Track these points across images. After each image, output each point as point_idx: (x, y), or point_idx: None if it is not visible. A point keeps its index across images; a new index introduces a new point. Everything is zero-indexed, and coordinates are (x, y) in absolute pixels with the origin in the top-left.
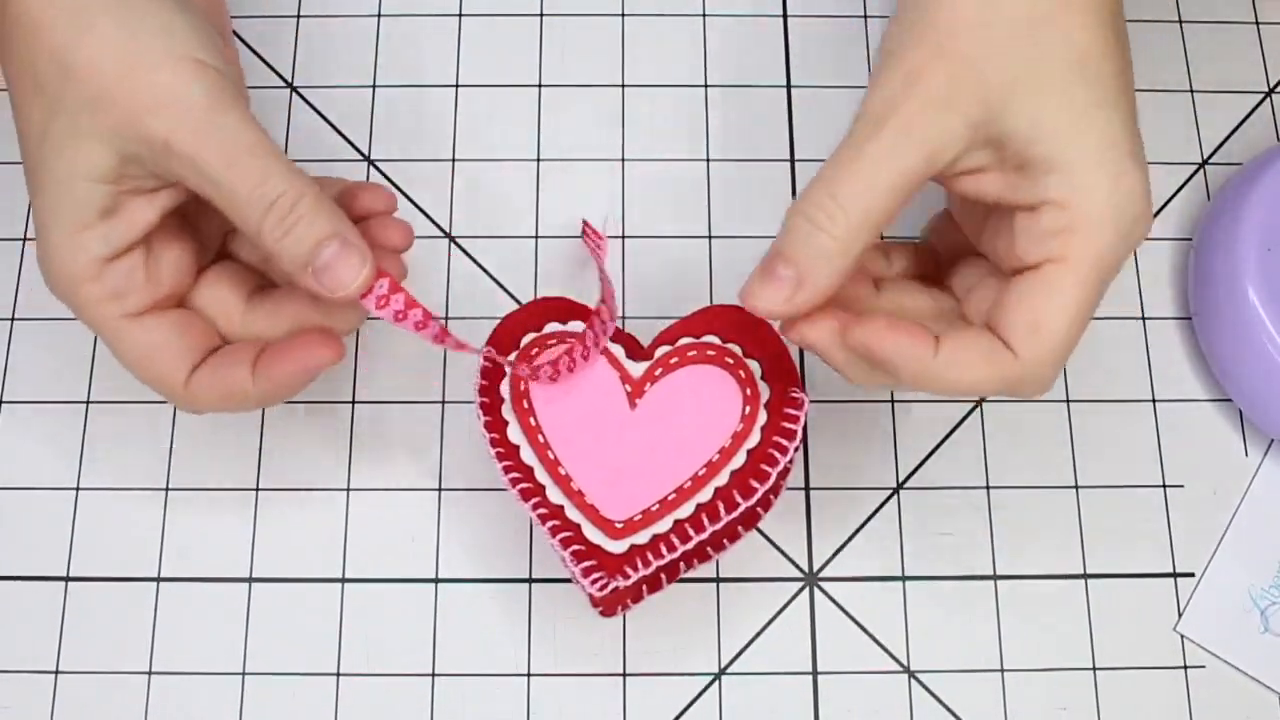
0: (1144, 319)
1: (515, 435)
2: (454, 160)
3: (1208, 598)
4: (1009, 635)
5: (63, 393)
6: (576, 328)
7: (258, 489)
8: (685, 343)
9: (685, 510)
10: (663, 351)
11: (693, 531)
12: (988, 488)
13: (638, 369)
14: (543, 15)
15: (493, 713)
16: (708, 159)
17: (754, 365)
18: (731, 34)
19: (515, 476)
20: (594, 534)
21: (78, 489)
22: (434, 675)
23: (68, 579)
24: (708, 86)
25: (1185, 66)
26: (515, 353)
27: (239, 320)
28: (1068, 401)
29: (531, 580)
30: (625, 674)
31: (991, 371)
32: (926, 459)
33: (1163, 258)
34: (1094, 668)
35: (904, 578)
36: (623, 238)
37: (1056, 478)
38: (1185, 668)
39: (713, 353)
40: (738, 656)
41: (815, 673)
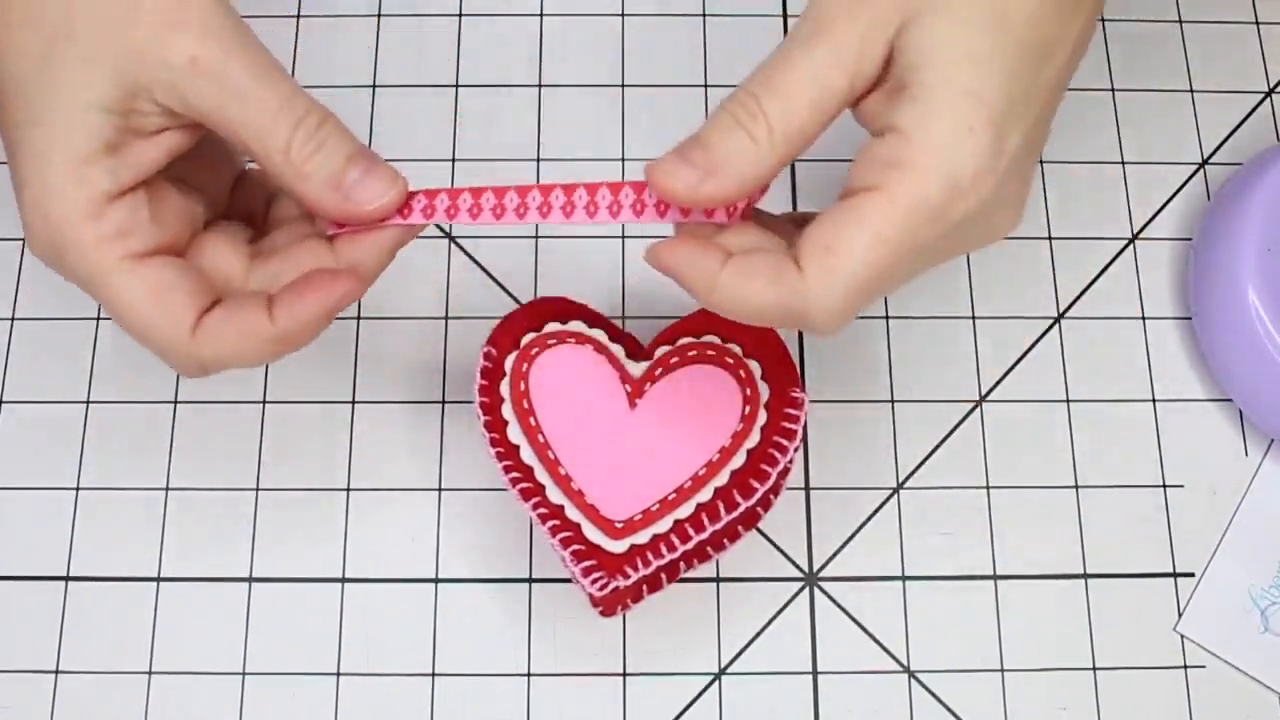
0: (1144, 319)
1: (515, 435)
2: (454, 160)
3: (1208, 598)
4: (1009, 635)
5: (63, 393)
6: (576, 328)
7: (258, 489)
8: (685, 343)
9: (685, 510)
10: (663, 351)
11: (693, 531)
12: (988, 488)
13: (638, 369)
14: (543, 15)
15: (493, 713)
16: None
17: (754, 365)
18: (731, 34)
19: (515, 476)
20: (594, 534)
21: (78, 489)
22: (434, 675)
23: (68, 579)
24: (707, 86)
25: (1185, 66)
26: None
27: (243, 279)
28: (1068, 401)
29: (531, 580)
30: (625, 674)
31: (777, 291)
32: (926, 459)
33: (1163, 258)
34: (1094, 668)
35: (904, 578)
36: (623, 238)
37: (1056, 478)
38: (1185, 668)
39: (713, 353)
40: (738, 656)
41: (815, 673)
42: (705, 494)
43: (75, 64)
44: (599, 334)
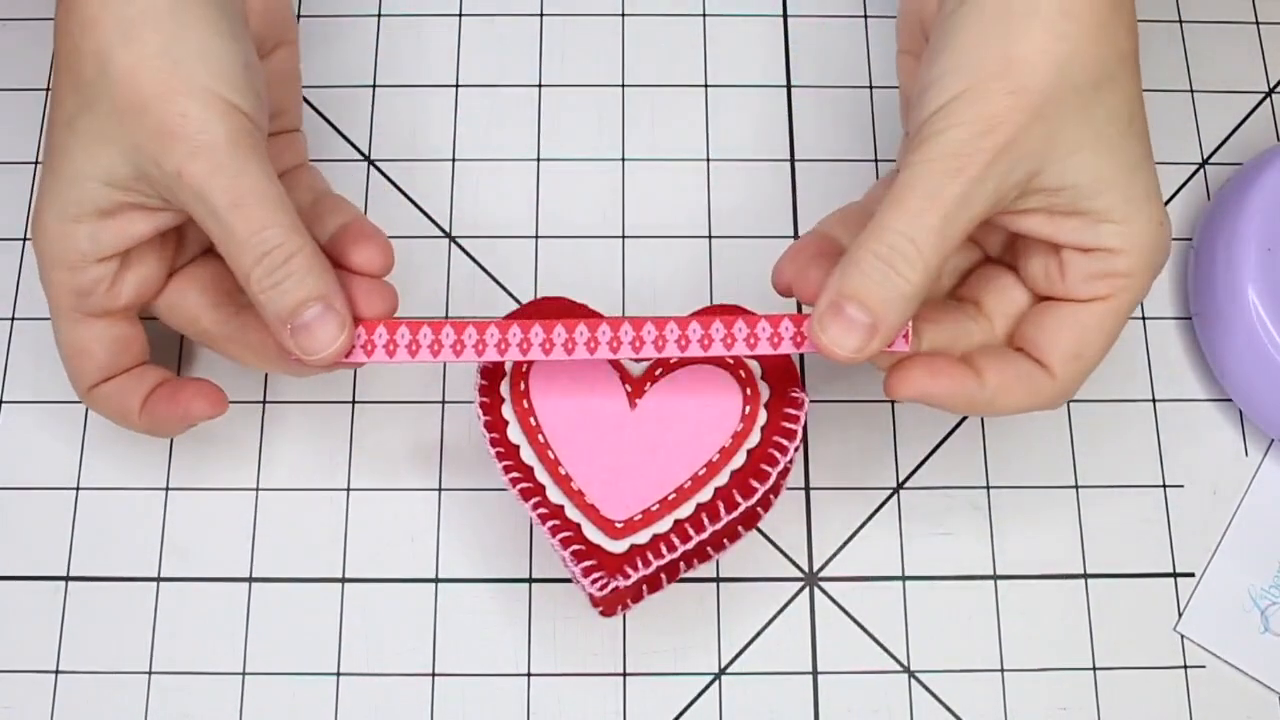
0: (1144, 319)
1: (515, 435)
2: (454, 160)
3: (1208, 598)
4: (1009, 635)
5: (63, 393)
6: None
7: (258, 489)
8: None
9: (685, 510)
10: None
11: (693, 531)
12: (988, 488)
13: (638, 369)
14: (543, 15)
15: (493, 713)
16: (707, 159)
17: (754, 365)
18: (731, 34)
19: (515, 476)
20: (594, 534)
21: (78, 489)
22: (434, 675)
23: (68, 579)
24: (708, 86)
25: (1185, 66)
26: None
27: (203, 325)
28: (1068, 401)
29: (531, 580)
30: (625, 674)
31: (1032, 397)
32: (926, 459)
33: None
34: (1094, 668)
35: (904, 578)
36: (623, 238)
37: (1056, 478)
38: (1185, 668)
39: None
40: (738, 656)
41: (815, 673)
42: (705, 494)
43: (91, 136)
44: None
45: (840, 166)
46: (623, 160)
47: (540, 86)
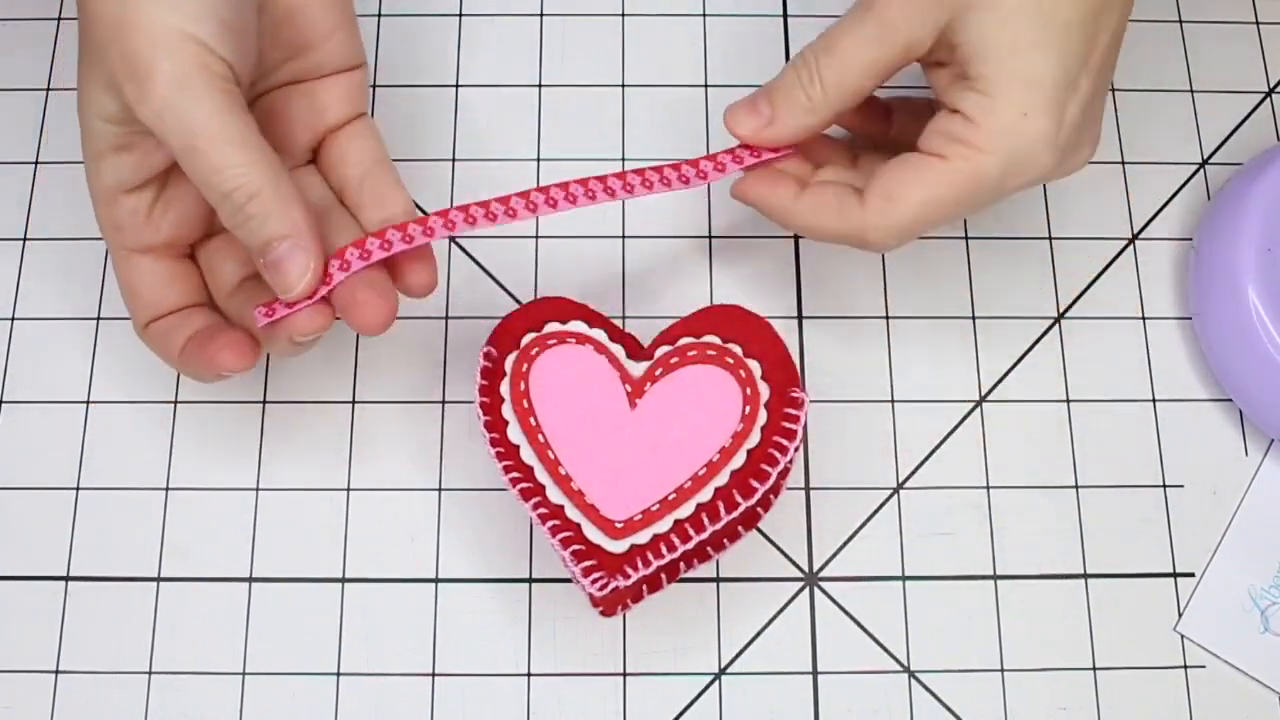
0: (1144, 319)
1: (515, 435)
2: (454, 160)
3: (1208, 598)
4: (1009, 635)
5: (63, 393)
6: (577, 328)
7: (258, 489)
8: (685, 343)
9: (685, 510)
10: (663, 351)
11: (693, 531)
12: (988, 488)
13: (638, 369)
14: (543, 15)
15: (493, 713)
16: None
17: (754, 365)
18: (731, 34)
19: (515, 476)
20: (594, 534)
21: (78, 489)
22: (434, 675)
23: (68, 579)
24: (708, 86)
25: (1185, 66)
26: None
27: (226, 296)
28: (1068, 401)
29: (531, 580)
30: (625, 674)
31: (837, 220)
32: (926, 459)
33: (1163, 258)
34: (1094, 668)
35: (904, 578)
36: (623, 238)
37: (1056, 478)
38: (1185, 668)
39: (713, 353)
40: (738, 656)
41: (815, 673)
42: (705, 494)
43: (84, 76)
44: (599, 334)
45: None
46: (623, 160)
47: (540, 86)
